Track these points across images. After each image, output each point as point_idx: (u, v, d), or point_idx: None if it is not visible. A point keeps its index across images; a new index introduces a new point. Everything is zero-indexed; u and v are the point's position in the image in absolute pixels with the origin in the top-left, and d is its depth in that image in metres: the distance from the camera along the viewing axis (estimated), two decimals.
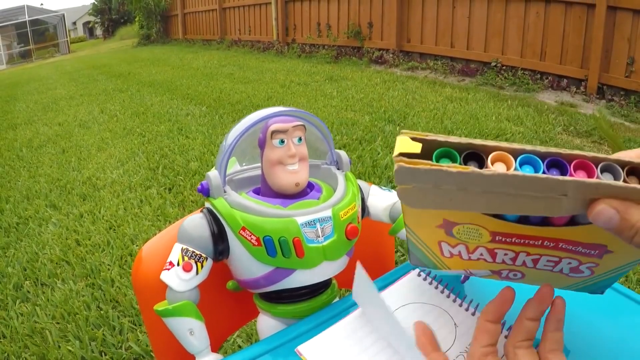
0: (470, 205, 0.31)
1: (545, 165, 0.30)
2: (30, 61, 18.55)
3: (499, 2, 4.84)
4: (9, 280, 1.89)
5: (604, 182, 0.28)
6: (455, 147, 0.30)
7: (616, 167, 0.29)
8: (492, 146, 0.30)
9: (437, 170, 0.29)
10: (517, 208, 0.31)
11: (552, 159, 0.30)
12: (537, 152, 0.30)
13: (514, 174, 0.28)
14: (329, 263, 0.55)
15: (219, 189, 0.55)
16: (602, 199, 0.29)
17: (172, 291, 0.54)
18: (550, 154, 0.30)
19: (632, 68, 3.87)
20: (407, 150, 0.30)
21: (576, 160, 0.30)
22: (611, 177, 0.29)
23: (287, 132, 0.54)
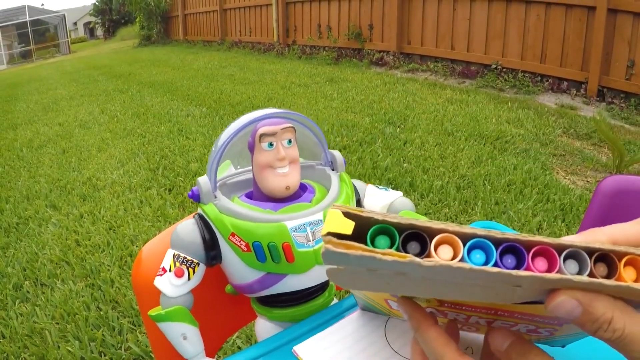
0: (410, 290, 0.28)
1: (499, 252, 0.26)
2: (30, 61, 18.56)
3: (500, 4, 4.84)
4: (9, 280, 1.89)
5: (565, 278, 0.25)
6: (395, 226, 0.26)
7: (583, 254, 0.26)
8: (437, 228, 0.26)
9: (369, 257, 0.25)
10: (463, 295, 0.28)
11: (508, 244, 0.26)
12: (491, 237, 0.26)
13: (458, 266, 0.25)
14: (321, 267, 0.54)
15: (209, 194, 0.54)
16: (563, 290, 0.26)
17: (165, 297, 0.54)
18: (506, 239, 0.26)
19: (632, 71, 3.87)
20: (337, 230, 0.26)
21: (536, 247, 0.26)
22: (576, 265, 0.26)
23: (275, 134, 0.53)
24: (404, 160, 2.81)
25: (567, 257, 0.26)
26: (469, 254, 0.26)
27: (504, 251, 0.26)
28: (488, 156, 2.82)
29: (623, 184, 0.84)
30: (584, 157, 2.86)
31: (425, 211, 2.20)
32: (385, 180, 2.52)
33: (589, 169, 2.71)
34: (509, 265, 0.26)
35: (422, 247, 0.27)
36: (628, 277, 0.25)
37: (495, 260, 0.26)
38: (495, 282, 0.25)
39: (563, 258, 0.26)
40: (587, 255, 0.26)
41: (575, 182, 2.54)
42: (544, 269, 0.26)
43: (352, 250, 0.25)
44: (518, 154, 2.87)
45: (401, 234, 0.27)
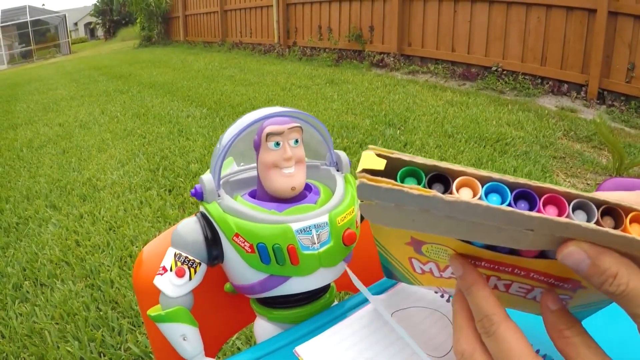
0: (433, 228, 0.30)
1: (513, 196, 0.28)
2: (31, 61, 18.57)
3: (500, 7, 4.85)
4: (9, 280, 1.89)
5: (573, 223, 0.26)
6: (421, 167, 0.29)
7: (591, 205, 0.27)
8: (458, 170, 0.28)
9: (398, 190, 0.28)
10: (480, 236, 0.30)
11: (522, 190, 0.28)
12: (506, 182, 0.28)
13: (477, 203, 0.27)
14: (325, 270, 0.54)
15: (212, 193, 0.53)
16: (573, 240, 0.27)
17: (165, 296, 0.53)
18: (519, 184, 0.28)
19: (633, 73, 3.88)
20: (371, 166, 0.29)
21: (547, 194, 0.28)
22: (584, 216, 0.27)
23: (282, 134, 0.52)
24: None
25: (576, 207, 0.27)
26: (487, 196, 0.28)
27: (518, 196, 0.28)
28: (488, 158, 2.82)
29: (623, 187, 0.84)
30: (584, 160, 2.86)
31: None
32: None
33: (589, 172, 2.71)
34: (522, 208, 0.28)
35: (445, 188, 0.29)
36: (634, 232, 0.26)
37: (509, 202, 0.28)
38: (509, 222, 0.27)
39: (572, 208, 0.27)
40: (595, 207, 0.27)
41: (575, 184, 2.54)
42: (554, 215, 0.27)
43: (382, 184, 0.28)
44: (518, 156, 2.87)
45: (427, 175, 0.29)
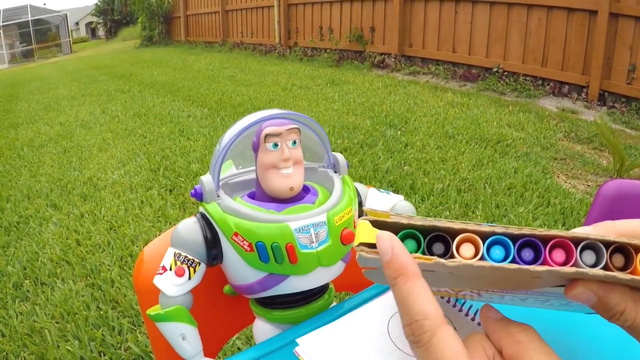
0: (440, 284, 0.31)
1: (517, 247, 0.28)
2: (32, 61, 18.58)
3: (501, 8, 4.85)
4: (9, 279, 1.89)
5: (580, 271, 0.26)
6: (419, 229, 0.29)
7: (599, 246, 0.27)
8: (459, 228, 0.28)
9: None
10: (487, 284, 0.30)
11: (526, 239, 0.28)
12: (509, 234, 0.28)
13: (480, 265, 0.27)
14: (323, 269, 0.54)
15: (212, 193, 0.54)
16: (581, 281, 0.28)
17: (164, 296, 0.53)
18: (523, 235, 0.28)
19: (634, 75, 3.88)
20: (367, 240, 0.29)
21: (554, 240, 0.28)
22: (593, 256, 0.27)
23: (280, 135, 0.53)
24: (404, 162, 2.81)
25: (585, 248, 0.27)
26: (489, 250, 0.28)
27: (522, 245, 0.28)
28: (489, 159, 2.82)
29: (624, 188, 0.84)
30: (585, 161, 2.86)
31: (426, 214, 2.20)
32: (386, 182, 2.52)
33: (590, 173, 2.71)
34: (527, 258, 0.28)
35: (445, 246, 0.29)
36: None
37: (513, 255, 0.27)
38: (516, 274, 0.27)
39: (580, 249, 0.27)
40: (604, 247, 0.27)
41: (575, 186, 2.54)
42: (561, 260, 0.27)
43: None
44: (519, 157, 2.88)
45: (426, 236, 0.29)
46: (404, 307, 0.27)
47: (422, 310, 0.26)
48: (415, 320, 0.26)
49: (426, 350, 0.26)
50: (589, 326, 0.51)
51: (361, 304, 0.55)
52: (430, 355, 0.26)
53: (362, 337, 0.49)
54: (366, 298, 0.57)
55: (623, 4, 3.87)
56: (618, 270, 0.26)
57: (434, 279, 0.30)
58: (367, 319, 0.52)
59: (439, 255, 0.29)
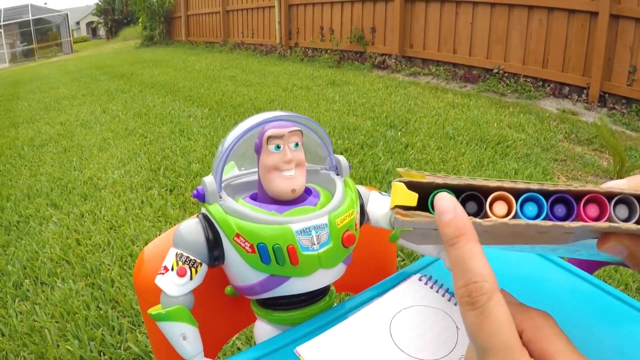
0: None
1: (549, 203, 0.28)
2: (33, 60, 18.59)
3: (502, 9, 4.85)
4: (9, 279, 1.89)
5: (613, 226, 0.27)
6: (453, 188, 0.29)
7: (633, 200, 0.27)
8: (494, 187, 0.28)
9: (433, 222, 0.28)
10: (522, 240, 0.30)
11: (559, 195, 0.28)
12: (542, 190, 0.28)
13: (515, 223, 0.27)
14: (325, 271, 0.55)
15: (214, 194, 0.54)
16: (613, 236, 0.28)
17: (166, 296, 0.54)
18: (557, 191, 0.28)
19: (634, 76, 3.88)
20: (405, 202, 0.29)
21: (588, 195, 0.28)
22: (626, 210, 0.28)
23: (283, 137, 0.53)
24: (405, 163, 2.81)
25: (618, 202, 0.28)
26: (522, 208, 0.28)
27: (555, 201, 0.28)
28: (489, 160, 2.82)
29: None
30: (585, 163, 2.86)
31: None
32: (386, 183, 2.52)
33: (590, 175, 2.71)
34: (559, 214, 0.28)
35: (478, 205, 0.29)
36: None
37: (547, 211, 0.28)
38: (551, 230, 0.28)
39: (614, 204, 0.27)
40: (637, 202, 0.27)
41: None
42: (595, 215, 0.28)
43: (417, 218, 0.28)
44: (519, 158, 2.88)
45: (459, 195, 0.29)
46: (462, 268, 0.27)
47: (483, 272, 0.26)
48: (474, 281, 0.26)
49: (481, 314, 0.26)
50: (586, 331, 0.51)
51: (362, 305, 0.55)
52: (485, 318, 0.26)
53: (364, 339, 0.49)
54: (367, 298, 0.57)
55: (624, 5, 3.87)
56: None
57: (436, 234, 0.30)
58: (368, 321, 0.52)
59: (471, 214, 0.29)
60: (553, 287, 0.58)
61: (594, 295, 0.57)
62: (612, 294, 0.56)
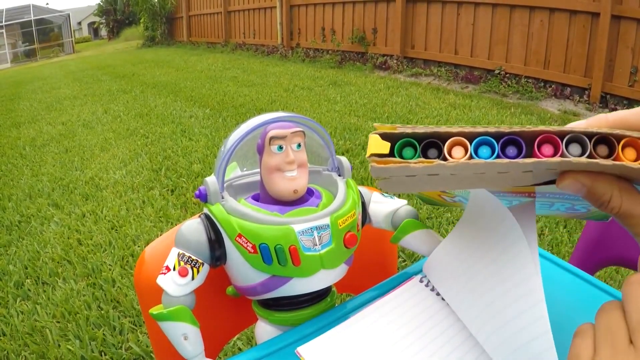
0: (445, 185, 0.34)
1: (500, 144, 0.30)
2: (34, 60, 18.61)
3: (504, 10, 4.85)
4: (10, 278, 1.90)
5: (565, 160, 0.28)
6: (418, 136, 0.32)
7: (584, 138, 0.29)
8: (455, 132, 0.31)
9: (405, 166, 0.31)
10: (486, 183, 0.33)
11: (509, 137, 0.30)
12: (494, 133, 0.31)
13: (475, 163, 0.30)
14: (326, 271, 0.55)
15: (216, 195, 0.54)
16: (570, 172, 0.30)
17: (167, 295, 0.54)
18: (511, 132, 0.30)
19: (636, 77, 3.87)
20: (378, 150, 0.32)
21: (541, 135, 0.30)
22: (579, 148, 0.29)
23: (285, 138, 0.53)
24: None
25: (571, 141, 0.29)
26: (477, 150, 0.31)
27: (509, 143, 0.31)
28: None
29: None
30: None
31: (427, 215, 2.20)
32: None
33: None
34: (511, 154, 0.30)
35: (439, 151, 0.32)
36: (628, 157, 0.28)
37: (497, 151, 0.30)
38: (509, 169, 0.31)
39: (567, 142, 0.29)
40: (588, 138, 0.29)
41: None
42: (549, 154, 0.30)
43: (390, 164, 0.32)
44: None
45: (420, 143, 0.32)
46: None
47: None
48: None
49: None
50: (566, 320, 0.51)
51: (363, 305, 0.56)
52: None
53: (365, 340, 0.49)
54: (368, 299, 0.57)
55: (625, 6, 3.86)
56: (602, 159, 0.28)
57: (440, 182, 0.34)
58: (369, 322, 0.52)
59: (434, 157, 0.32)
60: (554, 288, 0.58)
61: (595, 296, 0.57)
62: (613, 295, 0.56)
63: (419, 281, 0.58)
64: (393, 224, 0.62)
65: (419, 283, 0.57)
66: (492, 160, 0.30)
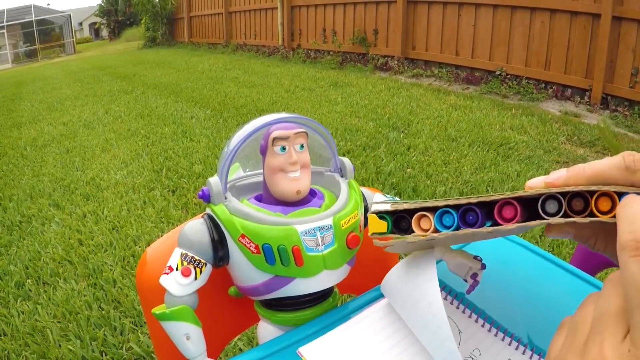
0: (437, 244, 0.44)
1: (460, 213, 0.35)
2: (35, 60, 18.63)
3: (505, 11, 4.85)
4: (11, 278, 1.90)
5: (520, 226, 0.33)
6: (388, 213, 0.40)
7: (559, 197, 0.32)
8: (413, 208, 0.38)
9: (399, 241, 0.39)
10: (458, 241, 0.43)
11: (467, 206, 0.35)
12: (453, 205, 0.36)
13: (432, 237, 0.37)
14: (329, 272, 0.55)
15: (219, 195, 0.54)
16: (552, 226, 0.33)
17: (170, 295, 0.54)
18: (468, 203, 0.35)
19: (637, 79, 3.87)
20: (377, 230, 0.40)
21: (502, 201, 0.33)
22: (556, 204, 0.32)
23: (288, 139, 0.53)
24: (407, 165, 2.81)
25: (548, 198, 0.32)
26: (442, 218, 0.36)
27: (466, 211, 0.35)
28: (491, 162, 2.82)
29: None
30: None
31: None
32: (389, 185, 2.52)
33: None
34: (471, 220, 0.35)
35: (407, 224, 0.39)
36: (603, 207, 0.31)
37: (457, 222, 0.35)
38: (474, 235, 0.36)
39: (543, 200, 0.32)
40: (562, 197, 0.32)
41: None
42: (511, 215, 0.33)
43: (390, 241, 0.40)
44: (521, 160, 2.87)
45: (393, 217, 0.40)
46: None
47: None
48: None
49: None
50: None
51: (365, 306, 0.56)
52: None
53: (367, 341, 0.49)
54: (370, 299, 0.57)
55: (626, 7, 3.87)
56: (576, 214, 0.31)
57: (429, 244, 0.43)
58: (371, 322, 0.52)
59: (404, 229, 0.39)
60: (555, 289, 0.58)
61: None
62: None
63: None
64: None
65: None
66: (447, 232, 0.35)
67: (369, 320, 0.52)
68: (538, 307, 0.54)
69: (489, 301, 0.54)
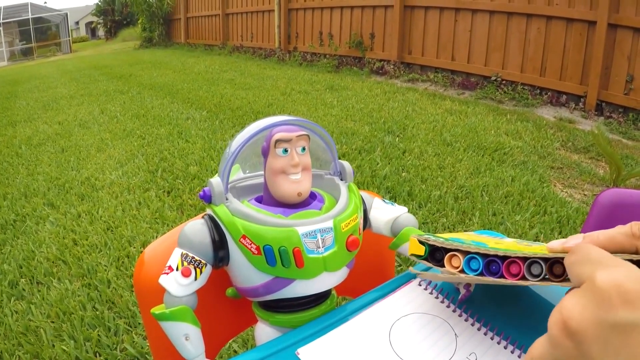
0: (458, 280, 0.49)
1: (485, 262, 0.43)
2: (31, 59, 18.55)
3: (501, 17, 4.88)
4: (5, 278, 1.89)
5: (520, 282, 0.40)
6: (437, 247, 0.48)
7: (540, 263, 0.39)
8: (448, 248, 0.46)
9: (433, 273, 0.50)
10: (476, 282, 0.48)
11: (492, 258, 0.42)
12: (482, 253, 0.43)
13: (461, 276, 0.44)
14: (329, 274, 0.55)
15: (220, 196, 0.55)
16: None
17: (169, 295, 0.54)
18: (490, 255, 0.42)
19: (631, 85, 3.90)
20: (416, 252, 0.50)
21: (510, 259, 0.41)
22: (540, 267, 0.39)
23: (290, 141, 0.54)
24: (402, 169, 2.82)
25: (534, 262, 0.40)
26: (470, 262, 0.44)
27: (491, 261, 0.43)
28: (486, 167, 2.83)
29: (621, 198, 0.85)
30: (582, 171, 2.87)
31: (423, 220, 2.20)
32: (384, 189, 2.53)
33: (586, 182, 2.73)
34: (494, 269, 0.42)
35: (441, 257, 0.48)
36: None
37: (482, 268, 0.43)
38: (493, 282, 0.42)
39: (529, 264, 0.40)
40: (543, 262, 0.39)
41: (572, 195, 2.55)
42: (516, 271, 0.41)
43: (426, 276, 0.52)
44: (516, 165, 2.89)
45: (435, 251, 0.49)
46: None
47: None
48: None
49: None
50: None
51: (363, 308, 0.56)
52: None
53: (364, 343, 0.50)
54: (368, 301, 0.58)
55: (622, 14, 3.90)
56: (555, 277, 0.38)
57: (442, 277, 0.50)
58: (368, 324, 0.52)
59: (438, 259, 0.48)
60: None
61: None
62: None
63: (418, 284, 0.58)
64: (393, 231, 0.63)
65: (418, 286, 0.58)
66: (469, 275, 0.44)
67: (367, 322, 0.52)
68: (534, 311, 0.55)
69: (485, 305, 0.55)
